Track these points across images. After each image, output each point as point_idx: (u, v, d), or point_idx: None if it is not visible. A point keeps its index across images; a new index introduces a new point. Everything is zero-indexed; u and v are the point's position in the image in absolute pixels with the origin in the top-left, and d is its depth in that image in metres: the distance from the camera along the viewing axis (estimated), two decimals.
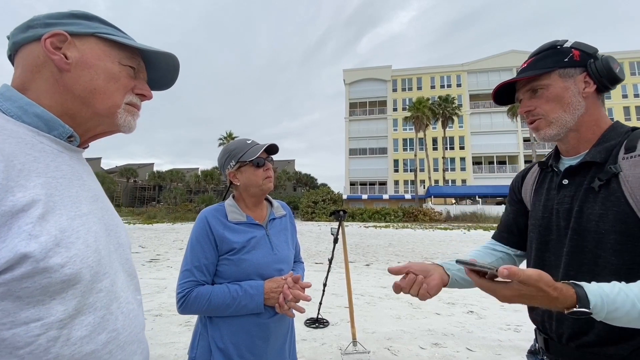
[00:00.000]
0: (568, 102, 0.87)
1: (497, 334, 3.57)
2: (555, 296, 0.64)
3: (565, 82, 0.87)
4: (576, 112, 0.87)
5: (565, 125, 0.88)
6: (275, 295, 1.11)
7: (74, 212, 0.53)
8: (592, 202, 0.81)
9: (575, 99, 0.86)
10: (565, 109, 0.87)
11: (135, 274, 0.71)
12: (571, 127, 0.88)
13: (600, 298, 0.64)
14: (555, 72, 0.88)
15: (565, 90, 0.87)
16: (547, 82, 0.89)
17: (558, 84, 0.87)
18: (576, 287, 0.66)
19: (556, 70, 0.88)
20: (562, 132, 0.89)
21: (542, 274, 0.65)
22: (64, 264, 0.48)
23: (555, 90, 0.88)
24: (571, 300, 0.65)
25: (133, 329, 0.62)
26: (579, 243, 0.82)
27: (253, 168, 1.21)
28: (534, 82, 0.91)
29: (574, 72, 0.87)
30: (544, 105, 0.90)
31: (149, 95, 0.70)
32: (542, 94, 0.90)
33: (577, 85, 0.86)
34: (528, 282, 0.64)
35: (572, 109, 0.87)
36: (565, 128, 0.88)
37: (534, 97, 0.92)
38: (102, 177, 46.45)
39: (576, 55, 0.86)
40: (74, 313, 0.50)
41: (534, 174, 1.06)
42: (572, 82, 0.87)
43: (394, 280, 0.93)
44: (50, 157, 0.54)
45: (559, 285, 0.65)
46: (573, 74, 0.87)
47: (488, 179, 39.85)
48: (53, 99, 0.57)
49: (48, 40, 0.56)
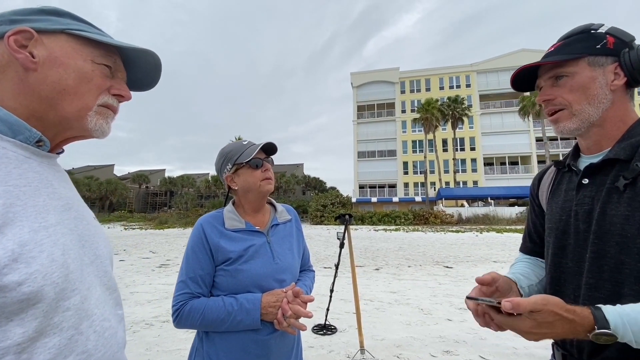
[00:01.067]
0: (594, 94, 0.78)
1: (511, 341, 3.42)
2: (571, 318, 0.60)
3: (594, 72, 0.78)
4: (601, 105, 0.79)
5: (588, 120, 0.80)
6: (274, 310, 1.01)
7: (38, 224, 0.49)
8: (616, 203, 0.73)
9: (602, 92, 0.78)
10: (590, 101, 0.79)
11: (116, 287, 0.66)
12: (594, 122, 0.80)
13: (619, 317, 0.58)
14: (584, 59, 0.79)
15: (593, 80, 0.78)
16: (573, 69, 0.80)
17: (585, 72, 0.79)
18: (593, 308, 0.61)
19: (585, 57, 0.79)
20: (583, 126, 0.81)
21: (547, 297, 0.61)
22: (21, 282, 0.44)
23: (581, 80, 0.79)
24: (588, 321, 0.60)
25: (108, 349, 0.57)
26: (600, 247, 0.74)
27: (250, 170, 1.14)
28: (559, 68, 0.82)
29: (605, 61, 0.78)
30: (566, 95, 0.81)
31: (128, 95, 0.65)
32: (566, 82, 0.81)
33: (605, 76, 0.78)
34: (536, 308, 0.59)
35: (598, 101, 0.79)
36: (587, 122, 0.80)
37: (556, 85, 0.83)
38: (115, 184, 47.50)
39: (610, 42, 0.77)
40: (35, 335, 0.45)
41: (550, 174, 0.99)
42: (601, 72, 0.78)
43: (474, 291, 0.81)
44: (14, 163, 0.50)
45: (571, 307, 0.61)
46: (603, 63, 0.78)
47: (500, 180, 39.09)
48: (18, 101, 0.53)
49: (12, 37, 0.52)
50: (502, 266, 8.25)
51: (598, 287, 0.74)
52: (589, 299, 0.76)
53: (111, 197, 47.63)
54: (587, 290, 0.76)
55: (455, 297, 5.30)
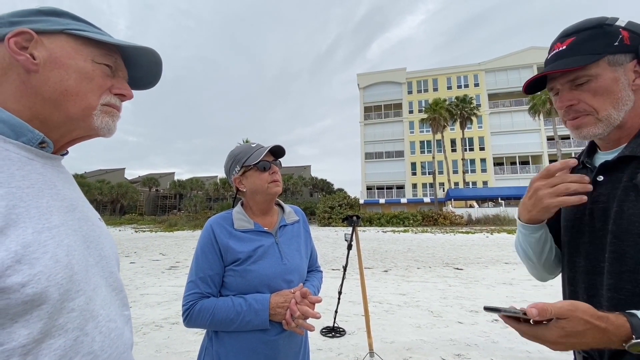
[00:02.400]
0: (618, 97, 0.73)
1: (525, 344, 3.34)
2: (604, 327, 0.56)
3: (615, 72, 0.73)
4: (625, 107, 0.74)
5: (613, 124, 0.75)
6: (282, 311, 1.02)
7: (41, 225, 0.49)
8: (633, 201, 0.70)
9: (625, 93, 0.73)
10: (615, 104, 0.73)
11: (122, 288, 0.66)
12: (616, 125, 0.76)
13: None
14: (604, 59, 0.73)
15: (616, 82, 0.73)
16: (595, 71, 0.74)
17: (607, 74, 0.73)
18: (629, 315, 0.57)
19: (605, 56, 0.73)
20: (607, 131, 0.77)
21: (575, 303, 0.57)
22: (25, 283, 0.44)
23: (605, 82, 0.73)
24: (625, 330, 0.56)
25: (114, 349, 0.57)
26: (620, 248, 0.71)
27: (258, 172, 1.15)
28: (580, 71, 0.75)
29: (624, 59, 0.73)
30: (590, 100, 0.75)
31: (129, 94, 0.65)
32: (589, 86, 0.75)
33: (627, 76, 0.73)
34: (563, 314, 0.56)
35: (622, 104, 0.73)
36: (611, 126, 0.76)
37: (576, 89, 0.77)
38: (126, 187, 48.29)
39: (626, 37, 0.72)
40: (40, 337, 0.45)
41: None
42: (622, 71, 0.73)
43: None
44: (17, 165, 0.50)
45: (603, 314, 0.57)
46: (623, 62, 0.73)
47: (510, 180, 38.46)
48: (20, 103, 0.54)
49: (12, 39, 0.52)
50: (514, 267, 8.09)
51: (618, 288, 0.71)
52: (609, 300, 0.73)
53: (122, 200, 48.45)
54: (608, 292, 0.73)
55: (466, 299, 5.21)
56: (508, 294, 5.43)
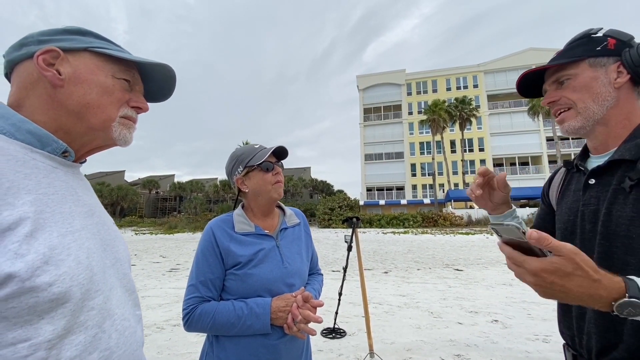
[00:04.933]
0: (597, 92, 0.81)
1: (524, 344, 3.37)
2: (597, 278, 0.56)
3: (595, 72, 0.81)
4: (605, 103, 0.81)
5: (592, 117, 0.82)
6: (284, 315, 1.02)
7: (65, 229, 0.53)
8: (622, 204, 0.74)
9: (605, 89, 0.80)
10: (594, 98, 0.81)
11: (134, 289, 0.70)
12: (598, 120, 0.82)
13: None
14: (584, 61, 0.82)
15: (594, 79, 0.81)
16: (574, 71, 0.83)
17: (586, 73, 0.82)
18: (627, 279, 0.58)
19: (586, 59, 0.82)
20: (588, 124, 0.83)
21: (579, 251, 0.56)
22: (52, 283, 0.48)
23: (583, 80, 0.82)
24: (619, 288, 0.56)
25: (128, 347, 0.61)
26: (607, 248, 0.75)
27: (262, 173, 1.14)
28: (561, 71, 0.86)
29: (607, 61, 0.81)
30: (570, 95, 0.84)
31: (145, 107, 0.70)
32: (569, 84, 0.84)
33: (608, 75, 0.80)
34: (561, 251, 0.55)
35: (602, 99, 0.81)
36: (592, 120, 0.82)
37: (560, 87, 0.87)
38: (125, 190, 48.21)
39: (611, 43, 0.80)
40: (64, 333, 0.49)
41: (560, 175, 1.01)
42: (602, 71, 0.81)
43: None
44: (43, 173, 0.54)
45: (602, 270, 0.57)
46: (605, 64, 0.81)
47: (510, 180, 36.68)
48: (47, 115, 0.58)
49: (40, 57, 0.56)
50: None
51: None
52: None
53: (122, 202, 48.39)
54: None
55: (465, 300, 5.23)
56: (507, 295, 5.46)
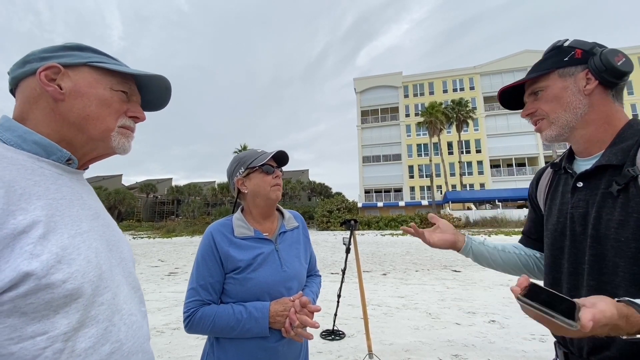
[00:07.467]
0: (567, 102, 0.85)
1: (521, 344, 3.41)
2: (622, 326, 0.58)
3: (565, 82, 0.86)
4: (577, 110, 0.85)
5: (567, 125, 0.86)
6: (282, 319, 1.04)
7: (74, 230, 0.57)
8: (610, 208, 0.76)
9: (575, 98, 0.85)
10: (565, 108, 0.86)
11: (139, 286, 0.74)
12: (574, 126, 0.86)
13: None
14: (554, 73, 0.87)
15: (564, 89, 0.86)
16: (545, 83, 0.89)
17: (557, 84, 0.87)
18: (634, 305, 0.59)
19: (554, 70, 0.87)
20: (564, 132, 0.88)
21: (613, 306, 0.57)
22: (65, 280, 0.51)
23: (554, 91, 0.87)
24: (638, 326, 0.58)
25: (137, 339, 0.64)
26: (599, 251, 0.77)
27: (262, 174, 1.18)
28: (534, 84, 0.91)
29: (575, 70, 0.85)
30: (543, 106, 0.89)
31: (142, 117, 0.73)
32: (542, 95, 0.90)
33: (577, 84, 0.85)
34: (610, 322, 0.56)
35: (573, 107, 0.85)
36: (566, 128, 0.87)
37: (536, 99, 0.92)
38: (123, 194, 48.01)
39: (578, 53, 0.85)
40: (78, 326, 0.53)
41: (547, 175, 1.02)
42: (571, 80, 0.85)
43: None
44: (51, 180, 0.58)
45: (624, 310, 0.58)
46: (573, 73, 0.85)
47: (507, 182, 38.69)
48: (50, 127, 0.61)
49: (42, 73, 0.60)
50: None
51: (599, 289, 0.76)
52: None
53: (120, 206, 48.19)
54: (588, 292, 0.78)
55: (463, 301, 5.27)
56: (505, 295, 5.49)
